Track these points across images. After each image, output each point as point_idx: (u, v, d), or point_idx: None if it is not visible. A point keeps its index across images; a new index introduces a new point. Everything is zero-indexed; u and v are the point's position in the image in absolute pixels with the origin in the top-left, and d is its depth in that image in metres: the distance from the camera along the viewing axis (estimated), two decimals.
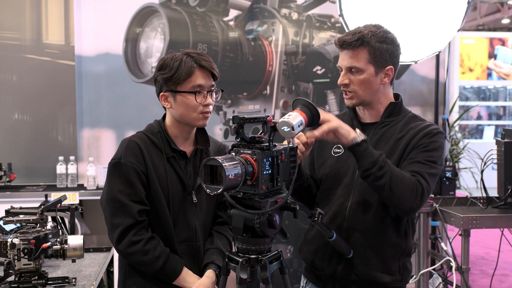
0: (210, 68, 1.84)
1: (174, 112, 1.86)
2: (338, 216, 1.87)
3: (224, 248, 1.94)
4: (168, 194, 1.84)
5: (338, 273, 1.87)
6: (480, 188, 3.28)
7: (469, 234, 3.08)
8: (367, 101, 1.87)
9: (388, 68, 1.85)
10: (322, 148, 1.99)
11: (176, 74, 1.80)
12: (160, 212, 1.84)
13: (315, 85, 4.00)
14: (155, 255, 1.80)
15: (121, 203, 1.80)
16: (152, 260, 1.79)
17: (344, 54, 1.85)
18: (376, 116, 1.91)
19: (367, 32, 1.81)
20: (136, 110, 3.95)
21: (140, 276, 1.85)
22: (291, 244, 3.98)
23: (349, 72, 1.84)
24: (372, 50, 1.81)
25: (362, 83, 1.83)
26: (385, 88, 1.89)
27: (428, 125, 1.86)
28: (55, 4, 4.13)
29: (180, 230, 1.87)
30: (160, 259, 1.80)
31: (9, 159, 4.01)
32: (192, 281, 1.84)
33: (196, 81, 1.81)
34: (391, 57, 1.85)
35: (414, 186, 1.72)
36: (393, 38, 1.87)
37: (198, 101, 1.81)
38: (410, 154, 1.80)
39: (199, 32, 3.92)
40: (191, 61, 1.81)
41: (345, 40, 1.82)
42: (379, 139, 1.88)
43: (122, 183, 1.81)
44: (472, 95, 9.80)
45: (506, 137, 3.09)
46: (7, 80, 4.13)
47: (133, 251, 1.80)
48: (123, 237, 1.80)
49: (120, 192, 1.81)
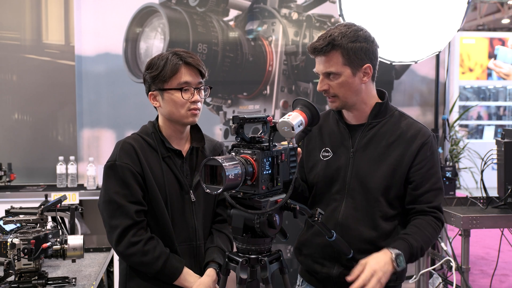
0: (196, 65, 1.84)
1: (163, 110, 1.87)
2: (331, 222, 1.86)
3: (224, 246, 1.94)
4: (166, 194, 1.84)
5: (333, 275, 1.87)
6: (480, 188, 3.28)
7: (469, 234, 3.08)
8: (350, 102, 1.84)
9: (365, 66, 1.81)
10: (310, 152, 1.98)
11: (162, 72, 1.81)
12: (158, 212, 1.83)
13: (315, 85, 4.00)
14: (155, 255, 1.79)
15: (118, 204, 1.80)
16: (152, 261, 1.79)
17: (318, 61, 1.82)
18: (362, 117, 1.89)
19: (337, 34, 1.77)
20: (136, 110, 3.95)
21: (140, 278, 1.85)
22: (291, 244, 3.98)
23: (327, 78, 1.81)
24: (345, 51, 1.77)
25: (342, 86, 1.80)
26: (367, 86, 1.85)
27: (418, 130, 1.86)
28: (55, 4, 4.13)
29: (179, 230, 1.87)
30: (160, 259, 1.80)
31: (9, 159, 4.01)
32: (193, 281, 1.83)
33: (182, 78, 1.82)
34: (366, 55, 1.80)
35: (438, 229, 1.84)
36: (365, 35, 1.81)
37: (185, 98, 1.81)
38: (415, 175, 1.82)
39: (199, 32, 3.92)
40: (177, 58, 1.82)
41: (316, 46, 1.79)
42: (368, 142, 1.87)
43: (118, 184, 1.81)
44: (472, 95, 9.80)
45: (506, 137, 3.09)
46: (7, 80, 4.13)
47: (133, 252, 1.79)
48: (122, 238, 1.79)
49: (116, 194, 1.80)
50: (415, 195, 1.84)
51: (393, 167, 1.82)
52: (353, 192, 1.85)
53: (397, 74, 4.18)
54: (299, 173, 2.00)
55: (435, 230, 1.83)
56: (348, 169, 1.87)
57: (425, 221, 1.82)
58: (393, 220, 1.86)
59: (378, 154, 1.84)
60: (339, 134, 1.92)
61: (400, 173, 1.83)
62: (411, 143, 1.83)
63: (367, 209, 1.84)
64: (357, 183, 1.85)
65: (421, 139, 1.84)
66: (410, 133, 1.85)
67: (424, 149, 1.83)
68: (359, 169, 1.85)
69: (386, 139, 1.85)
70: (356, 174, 1.85)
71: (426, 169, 1.83)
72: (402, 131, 1.85)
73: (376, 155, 1.84)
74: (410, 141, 1.83)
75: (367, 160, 1.85)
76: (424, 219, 1.82)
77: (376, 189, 1.82)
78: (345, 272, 1.83)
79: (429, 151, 1.84)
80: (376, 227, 1.83)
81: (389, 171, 1.82)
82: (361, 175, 1.84)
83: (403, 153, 1.83)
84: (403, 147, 1.83)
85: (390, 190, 1.83)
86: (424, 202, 1.84)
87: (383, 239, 1.84)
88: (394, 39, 3.59)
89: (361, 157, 1.86)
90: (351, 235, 1.83)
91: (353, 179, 1.85)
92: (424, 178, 1.83)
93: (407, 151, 1.83)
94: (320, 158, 1.93)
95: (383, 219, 1.84)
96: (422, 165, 1.83)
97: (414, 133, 1.85)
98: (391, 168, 1.82)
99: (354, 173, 1.85)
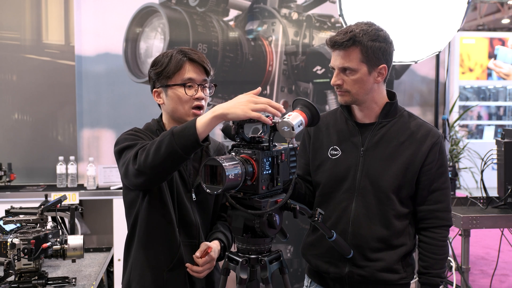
0: (200, 62, 1.83)
1: (166, 107, 1.86)
2: (342, 221, 1.87)
3: (227, 233, 1.92)
4: (172, 190, 1.82)
5: (345, 275, 1.88)
6: (480, 188, 3.28)
7: (469, 234, 3.08)
8: (360, 100, 1.86)
9: (381, 67, 1.83)
10: (317, 150, 1.97)
11: (166, 69, 1.81)
12: (162, 209, 1.81)
13: (315, 85, 4.00)
14: (158, 138, 1.62)
15: (135, 136, 1.77)
16: (160, 139, 1.60)
17: (336, 55, 1.83)
18: (372, 116, 1.90)
19: (359, 31, 1.78)
20: (136, 110, 3.95)
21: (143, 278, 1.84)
22: (291, 244, 3.98)
23: (342, 72, 1.82)
24: (364, 49, 1.78)
25: (356, 82, 1.81)
26: (379, 86, 1.87)
27: (428, 130, 1.88)
28: (55, 4, 4.13)
29: (182, 227, 1.86)
30: (165, 133, 1.60)
31: (9, 159, 4.01)
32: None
33: (186, 74, 1.81)
34: (384, 55, 1.82)
35: (447, 243, 1.90)
36: (385, 36, 1.84)
37: (189, 94, 1.80)
38: (426, 174, 1.85)
39: (199, 32, 3.92)
40: (181, 55, 1.82)
41: (337, 40, 1.80)
42: (379, 141, 1.88)
43: (131, 135, 1.79)
44: (472, 95, 9.80)
45: (506, 137, 3.09)
46: (7, 80, 4.12)
47: (143, 154, 1.61)
48: (135, 159, 1.65)
49: (132, 135, 1.79)
50: (424, 194, 1.86)
51: (405, 166, 1.84)
52: (364, 191, 1.85)
53: (397, 74, 4.18)
54: (303, 171, 2.00)
55: (445, 247, 1.90)
56: (358, 167, 1.87)
57: (435, 245, 1.88)
58: (405, 219, 1.88)
59: (389, 153, 1.85)
60: (348, 132, 1.92)
61: (412, 172, 1.84)
62: (422, 143, 1.85)
63: (379, 208, 1.84)
64: (368, 182, 1.85)
65: (431, 139, 1.85)
66: (421, 133, 1.86)
67: (435, 149, 1.85)
68: (370, 168, 1.86)
69: (397, 139, 1.86)
70: (367, 172, 1.86)
71: (436, 169, 1.85)
72: (413, 131, 1.87)
73: (387, 154, 1.85)
74: (421, 141, 1.85)
75: (379, 159, 1.86)
76: (433, 240, 1.88)
77: (388, 188, 1.83)
78: (357, 272, 1.84)
79: (439, 151, 1.86)
80: (388, 226, 1.85)
81: (401, 170, 1.83)
82: (372, 174, 1.85)
83: (415, 152, 1.84)
84: (414, 146, 1.85)
85: (402, 189, 1.84)
86: (433, 201, 1.86)
87: (396, 237, 1.86)
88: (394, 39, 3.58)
89: (372, 155, 1.87)
90: (363, 234, 1.85)
91: (364, 177, 1.86)
92: (434, 177, 1.86)
93: (419, 151, 1.84)
94: (328, 156, 1.93)
95: (395, 217, 1.85)
96: (432, 165, 1.85)
97: (425, 133, 1.87)
98: (403, 167, 1.84)
99: (365, 172, 1.86)
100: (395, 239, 1.85)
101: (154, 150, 1.58)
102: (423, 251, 1.89)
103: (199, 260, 1.80)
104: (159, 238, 1.83)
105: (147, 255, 1.83)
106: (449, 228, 1.91)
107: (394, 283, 1.87)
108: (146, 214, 1.82)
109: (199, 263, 1.80)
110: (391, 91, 1.95)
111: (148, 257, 1.83)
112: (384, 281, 1.86)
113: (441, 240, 1.87)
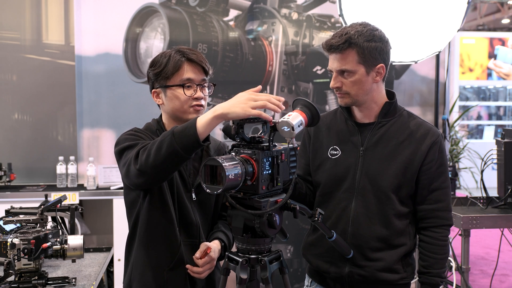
0: (199, 62, 1.83)
1: (166, 108, 1.86)
2: (342, 220, 1.88)
3: (228, 232, 1.92)
4: (173, 190, 1.82)
5: (345, 275, 1.88)
6: (480, 188, 3.28)
7: (469, 234, 3.08)
8: (360, 100, 1.86)
9: (379, 66, 1.83)
10: (317, 149, 1.98)
11: (165, 69, 1.81)
12: (163, 208, 1.81)
13: (315, 85, 4.00)
14: (159, 138, 1.62)
15: (136, 136, 1.78)
16: (161, 139, 1.59)
17: (333, 58, 1.83)
18: (371, 116, 1.91)
19: (354, 33, 1.78)
20: (136, 110, 3.95)
21: (144, 278, 1.84)
22: (291, 244, 3.98)
23: (340, 75, 1.83)
24: (361, 50, 1.79)
25: (355, 84, 1.82)
26: (378, 86, 1.88)
27: (428, 130, 1.88)
28: (55, 4, 4.13)
29: (183, 227, 1.86)
30: (166, 133, 1.61)
31: (9, 159, 4.01)
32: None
33: (184, 74, 1.81)
34: (380, 55, 1.83)
35: (447, 243, 1.91)
36: (381, 35, 1.84)
37: (188, 94, 1.80)
38: (426, 173, 1.85)
39: (199, 32, 3.92)
40: (179, 55, 1.82)
41: (332, 43, 1.80)
42: (378, 140, 1.88)
43: (131, 135, 1.80)
44: (472, 95, 9.80)
45: (506, 137, 3.10)
46: (7, 80, 4.12)
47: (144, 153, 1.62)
48: (136, 159, 1.65)
49: (132, 135, 1.79)
50: (424, 194, 1.87)
51: (404, 166, 1.84)
52: (363, 191, 1.86)
53: (397, 74, 4.18)
54: (303, 171, 2.00)
55: (446, 246, 1.90)
56: (358, 167, 1.87)
57: (435, 245, 1.88)
58: (405, 218, 1.88)
59: (388, 153, 1.85)
60: (347, 132, 1.93)
61: (411, 171, 1.84)
62: (422, 142, 1.85)
63: (379, 207, 1.85)
64: (367, 181, 1.86)
65: (431, 138, 1.86)
66: (420, 133, 1.87)
67: (434, 148, 1.85)
68: (369, 167, 1.86)
69: (396, 138, 1.87)
70: (366, 172, 1.86)
71: (435, 168, 1.86)
72: (412, 131, 1.87)
73: (386, 153, 1.85)
74: (420, 140, 1.85)
75: (378, 158, 1.86)
76: (434, 240, 1.88)
77: (388, 187, 1.84)
78: (357, 272, 1.84)
79: (439, 150, 1.86)
80: (388, 225, 1.85)
81: (400, 170, 1.84)
82: (372, 173, 1.85)
83: (414, 152, 1.85)
84: (413, 146, 1.85)
85: (401, 188, 1.85)
86: (433, 200, 1.86)
87: (396, 237, 1.86)
88: (394, 39, 3.57)
89: (371, 155, 1.87)
90: (363, 234, 1.85)
91: (363, 177, 1.86)
92: (434, 177, 1.86)
93: (418, 150, 1.85)
94: (328, 156, 1.93)
95: (396, 217, 1.85)
96: (432, 164, 1.85)
97: (424, 132, 1.87)
98: (403, 167, 1.84)
99: (365, 171, 1.86)
100: (395, 239, 1.86)
101: (155, 150, 1.58)
102: (424, 250, 1.89)
103: (199, 261, 1.80)
104: (159, 237, 1.83)
105: (148, 255, 1.84)
106: (450, 227, 1.91)
107: (394, 283, 1.87)
108: (147, 214, 1.83)
109: (199, 264, 1.80)
110: (391, 91, 1.95)
111: (149, 256, 1.84)
112: (384, 281, 1.86)
113: (441, 240, 1.87)
